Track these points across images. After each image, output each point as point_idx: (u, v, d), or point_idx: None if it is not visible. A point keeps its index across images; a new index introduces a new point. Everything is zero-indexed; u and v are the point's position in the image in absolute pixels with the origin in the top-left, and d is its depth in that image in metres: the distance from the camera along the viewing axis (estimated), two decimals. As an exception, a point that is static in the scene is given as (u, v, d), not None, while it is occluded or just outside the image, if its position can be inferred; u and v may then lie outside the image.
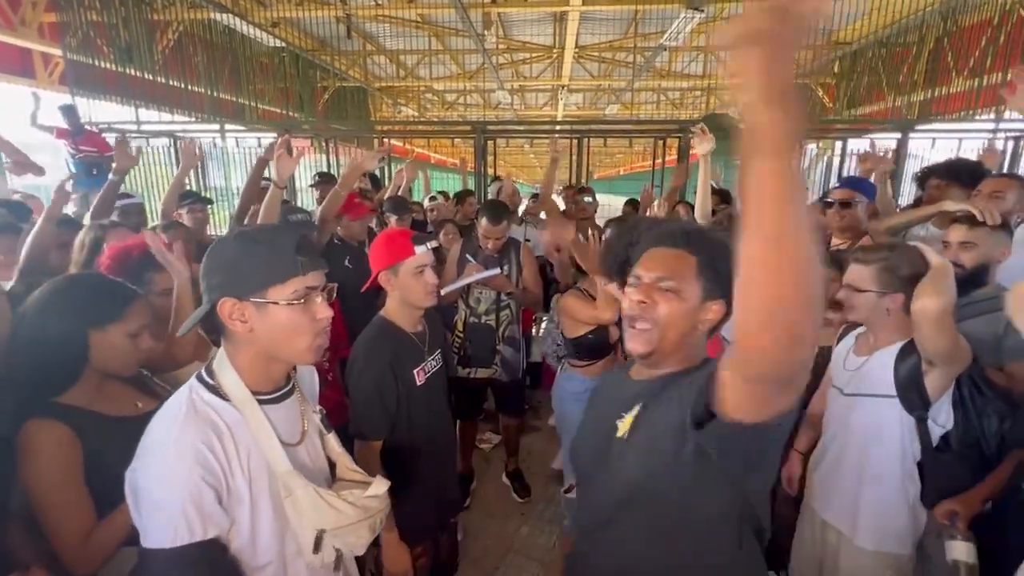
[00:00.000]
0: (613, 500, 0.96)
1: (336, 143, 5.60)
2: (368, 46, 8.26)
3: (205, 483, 0.77)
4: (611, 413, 1.00)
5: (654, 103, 12.43)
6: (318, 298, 0.87)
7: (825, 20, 6.21)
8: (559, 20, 7.10)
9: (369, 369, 1.41)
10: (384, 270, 1.47)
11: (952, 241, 1.70)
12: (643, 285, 0.93)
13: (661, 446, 0.87)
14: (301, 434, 0.95)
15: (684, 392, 0.85)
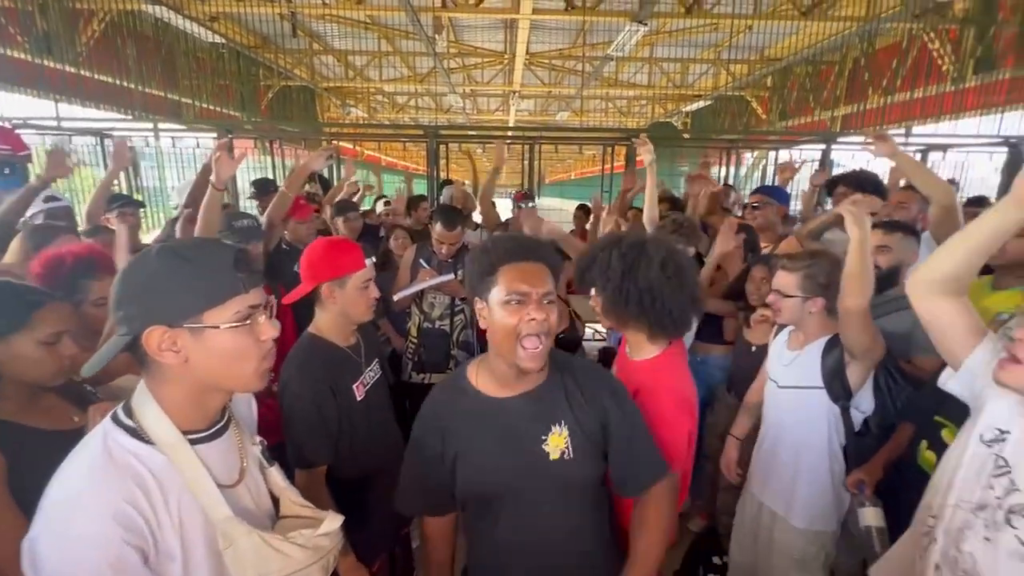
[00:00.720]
0: (547, 508, 1.06)
1: (281, 144, 5.41)
2: (315, 45, 8.03)
3: (128, 545, 0.66)
4: (521, 435, 1.04)
5: (603, 110, 12.81)
6: (261, 317, 0.78)
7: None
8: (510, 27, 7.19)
9: (305, 391, 1.33)
10: (329, 282, 1.38)
11: (872, 243, 1.88)
12: (534, 301, 0.96)
13: (595, 451, 1.06)
14: (240, 472, 0.84)
15: (587, 399, 1.07)
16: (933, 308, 1.03)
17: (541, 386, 1.06)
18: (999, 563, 0.89)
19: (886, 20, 5.10)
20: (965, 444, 1.01)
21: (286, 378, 1.36)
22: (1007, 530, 0.89)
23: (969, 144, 4.81)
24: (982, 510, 0.94)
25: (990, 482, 0.93)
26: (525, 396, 1.05)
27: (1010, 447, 0.92)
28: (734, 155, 6.27)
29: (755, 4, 5.59)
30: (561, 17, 5.77)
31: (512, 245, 1.01)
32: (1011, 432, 0.93)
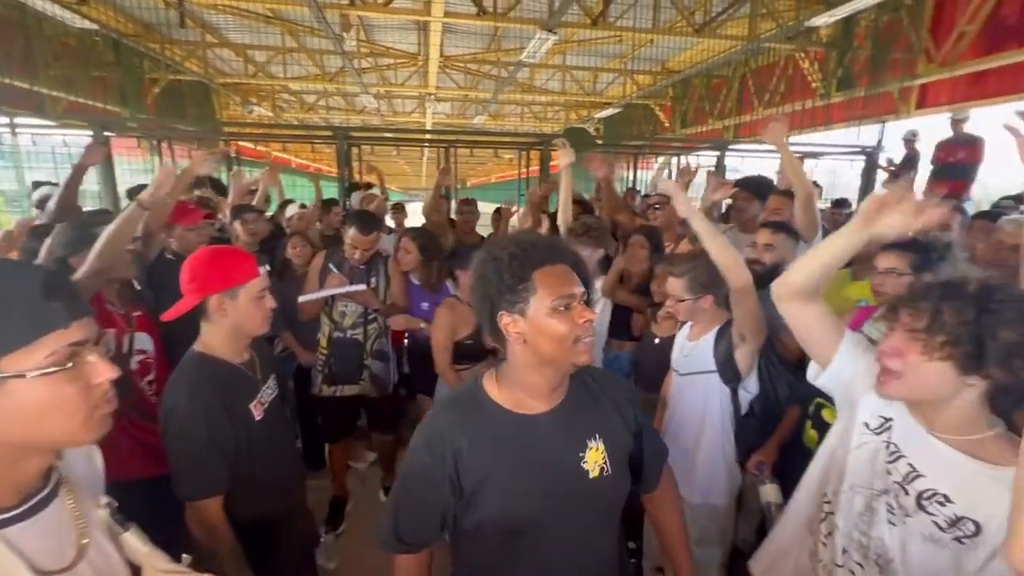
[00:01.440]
0: (582, 533, 1.01)
1: (171, 144, 4.93)
2: (209, 37, 7.41)
3: None
4: (559, 454, 0.97)
5: (519, 115, 13.03)
6: (91, 356, 0.63)
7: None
8: (423, 29, 7.10)
9: (197, 413, 1.22)
10: (218, 294, 1.27)
11: (759, 242, 2.07)
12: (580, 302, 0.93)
13: (626, 462, 1.05)
14: (77, 550, 0.67)
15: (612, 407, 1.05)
16: (795, 312, 1.13)
17: (569, 397, 1.01)
18: (911, 547, 0.94)
19: (764, 41, 5.65)
20: (848, 431, 1.09)
21: (173, 403, 1.23)
22: (921, 515, 0.93)
23: (835, 152, 5.46)
24: (885, 494, 1.00)
25: (887, 467, 1.00)
26: (558, 410, 0.98)
27: (897, 433, 1.01)
28: (642, 160, 6.67)
29: (654, 19, 5.96)
30: (472, 22, 5.79)
31: (545, 247, 0.95)
32: (893, 419, 1.02)
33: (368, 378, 2.48)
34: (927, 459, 0.95)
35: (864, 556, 1.03)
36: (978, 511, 0.88)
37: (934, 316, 0.88)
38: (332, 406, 2.49)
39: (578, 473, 0.97)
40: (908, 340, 0.91)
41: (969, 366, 0.86)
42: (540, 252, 0.92)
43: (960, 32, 4.92)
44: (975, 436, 0.91)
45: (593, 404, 1.03)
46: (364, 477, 3.04)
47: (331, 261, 2.49)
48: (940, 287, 0.91)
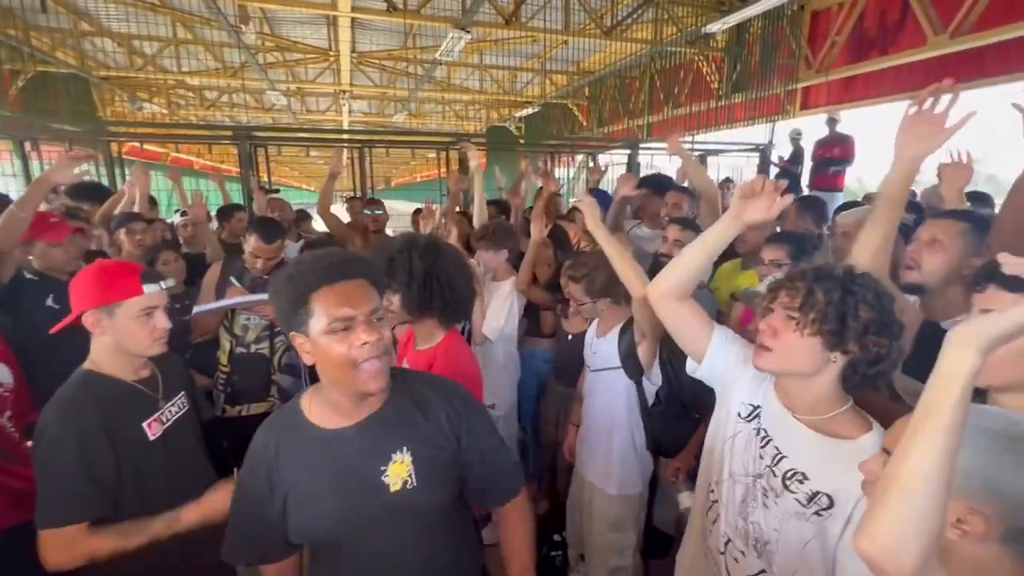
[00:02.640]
0: (395, 545, 0.98)
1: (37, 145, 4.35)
2: (83, 24, 6.63)
3: None
4: (357, 468, 0.95)
5: (440, 113, 12.89)
6: None
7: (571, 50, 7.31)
8: (333, 24, 6.80)
9: (67, 436, 1.11)
10: (93, 310, 1.18)
11: (669, 237, 2.17)
12: (361, 323, 0.89)
13: (445, 472, 1.01)
14: None
15: (437, 416, 1.01)
16: (671, 311, 1.19)
17: (381, 410, 0.98)
18: (784, 524, 1.00)
19: (667, 45, 6.00)
20: (725, 421, 1.16)
21: (43, 424, 1.13)
22: (786, 495, 0.99)
23: (732, 150, 5.91)
24: (759, 479, 1.06)
25: (759, 452, 1.06)
26: (362, 424, 0.96)
27: (766, 419, 1.08)
28: (561, 158, 6.83)
29: (565, 21, 6.12)
30: (384, 18, 5.63)
31: (323, 265, 0.89)
32: (762, 405, 1.09)
33: (277, 394, 2.32)
34: (790, 440, 1.03)
35: (745, 542, 1.09)
36: (829, 484, 0.95)
37: (807, 296, 0.96)
38: (237, 427, 2.30)
39: (377, 487, 0.95)
40: (784, 319, 0.99)
41: (833, 342, 0.94)
42: (320, 271, 0.88)
43: (832, 41, 5.49)
44: (829, 414, 1.00)
45: (412, 415, 1.00)
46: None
47: (231, 272, 2.30)
48: (813, 271, 0.99)
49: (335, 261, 0.91)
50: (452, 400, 1.04)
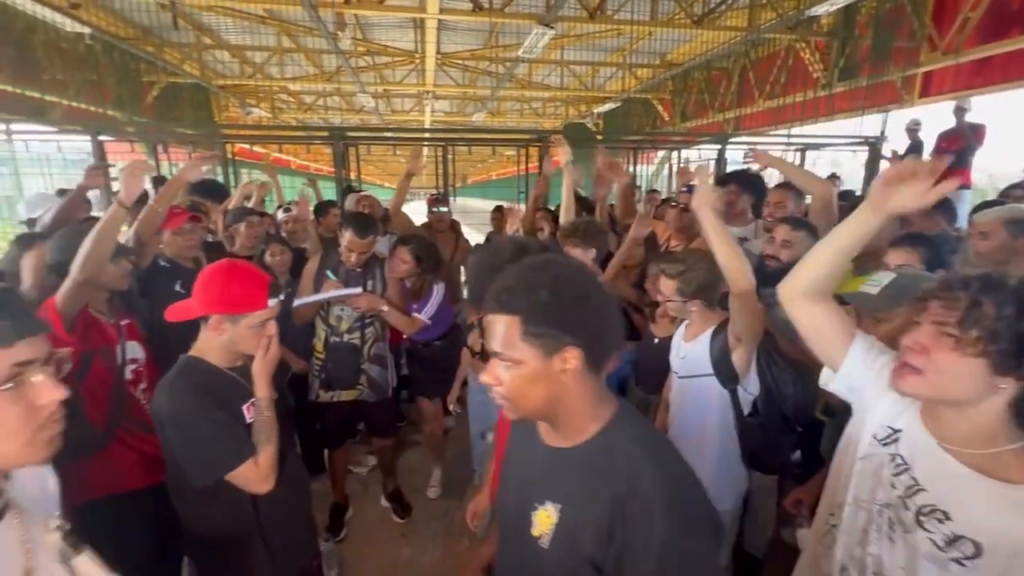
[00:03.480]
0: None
1: (167, 148, 4.90)
2: (205, 39, 7.37)
3: None
4: (526, 491, 0.91)
5: (519, 111, 12.95)
6: (37, 376, 0.63)
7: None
8: (420, 26, 7.04)
9: (193, 408, 1.22)
10: (222, 316, 1.27)
11: (777, 238, 2.02)
12: (492, 361, 0.85)
13: (582, 550, 0.81)
14: (24, 573, 0.66)
15: (594, 503, 0.80)
16: (805, 312, 1.07)
17: (579, 446, 0.87)
18: (912, 564, 0.89)
19: (765, 31, 5.57)
20: (856, 441, 1.04)
21: (158, 405, 1.24)
22: (919, 532, 0.89)
23: (837, 144, 5.39)
24: (887, 508, 0.95)
25: (891, 480, 0.95)
26: (555, 449, 0.90)
27: (904, 445, 0.95)
28: (642, 155, 6.60)
29: (652, 12, 5.89)
30: (468, 18, 5.73)
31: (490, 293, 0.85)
32: (902, 430, 0.96)
33: (366, 383, 2.45)
34: (932, 473, 0.90)
35: (861, 574, 0.98)
36: (980, 531, 0.82)
37: (970, 309, 0.82)
38: (330, 412, 2.46)
39: (524, 520, 0.90)
40: (936, 335, 0.85)
41: (1005, 365, 0.80)
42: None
43: (964, 19, 4.83)
44: (991, 450, 0.85)
45: (582, 469, 0.86)
46: (365, 482, 3.01)
47: (327, 265, 2.45)
48: (979, 280, 0.84)
49: (495, 289, 0.86)
50: (641, 496, 0.78)
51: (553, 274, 0.82)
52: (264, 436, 1.28)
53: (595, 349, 0.83)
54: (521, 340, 0.80)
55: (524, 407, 0.85)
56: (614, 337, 0.86)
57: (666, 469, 0.81)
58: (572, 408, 0.85)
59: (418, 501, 2.80)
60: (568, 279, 0.82)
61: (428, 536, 2.58)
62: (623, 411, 0.89)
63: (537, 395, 0.83)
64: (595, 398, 0.86)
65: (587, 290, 0.83)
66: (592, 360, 0.83)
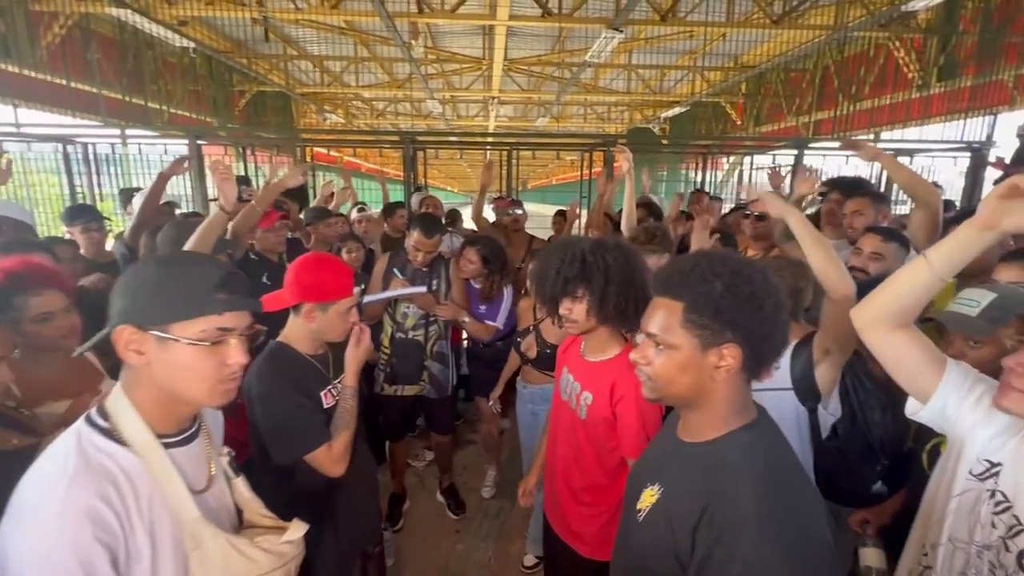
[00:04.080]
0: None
1: (254, 151, 5.30)
2: (289, 50, 7.91)
3: (98, 543, 0.67)
4: (647, 470, 0.95)
5: (582, 116, 12.89)
6: (232, 340, 0.79)
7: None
8: (488, 33, 7.19)
9: (278, 392, 1.32)
10: (312, 304, 1.36)
11: (865, 249, 1.87)
12: (643, 341, 0.87)
13: (668, 541, 0.82)
14: (208, 479, 0.86)
15: (696, 490, 0.81)
16: (884, 342, 0.98)
17: (698, 444, 0.89)
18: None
19: (853, 29, 5.22)
20: (952, 476, 0.95)
21: (248, 385, 1.34)
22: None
23: (934, 149, 4.94)
24: (987, 550, 0.87)
25: (992, 520, 0.87)
26: (680, 441, 0.93)
27: (1006, 480, 0.86)
28: (710, 160, 6.36)
29: (728, 12, 5.68)
30: (538, 24, 5.78)
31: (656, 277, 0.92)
32: (1003, 464, 0.88)
33: (428, 379, 2.52)
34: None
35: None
36: None
37: None
38: (393, 405, 2.55)
39: (633, 499, 0.96)
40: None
41: None
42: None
43: (1094, 9, 4.29)
44: None
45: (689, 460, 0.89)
46: (421, 476, 3.10)
47: (395, 264, 2.55)
48: None
49: (661, 273, 0.92)
50: (733, 511, 0.77)
51: (732, 269, 0.81)
52: (344, 423, 1.35)
53: (756, 354, 0.82)
54: (680, 326, 0.82)
55: (665, 391, 0.87)
56: (778, 348, 0.84)
57: (771, 495, 0.77)
58: (711, 406, 0.85)
59: (472, 499, 2.84)
60: (746, 277, 0.81)
61: (481, 534, 2.61)
62: (759, 425, 0.87)
63: (682, 383, 0.84)
64: (738, 404, 0.86)
65: (763, 293, 0.81)
66: (750, 364, 0.82)
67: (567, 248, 1.38)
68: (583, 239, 1.45)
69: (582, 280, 1.33)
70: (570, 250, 1.36)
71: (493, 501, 2.85)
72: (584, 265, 1.33)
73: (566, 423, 1.51)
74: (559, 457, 1.55)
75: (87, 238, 2.52)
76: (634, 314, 1.34)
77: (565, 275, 1.34)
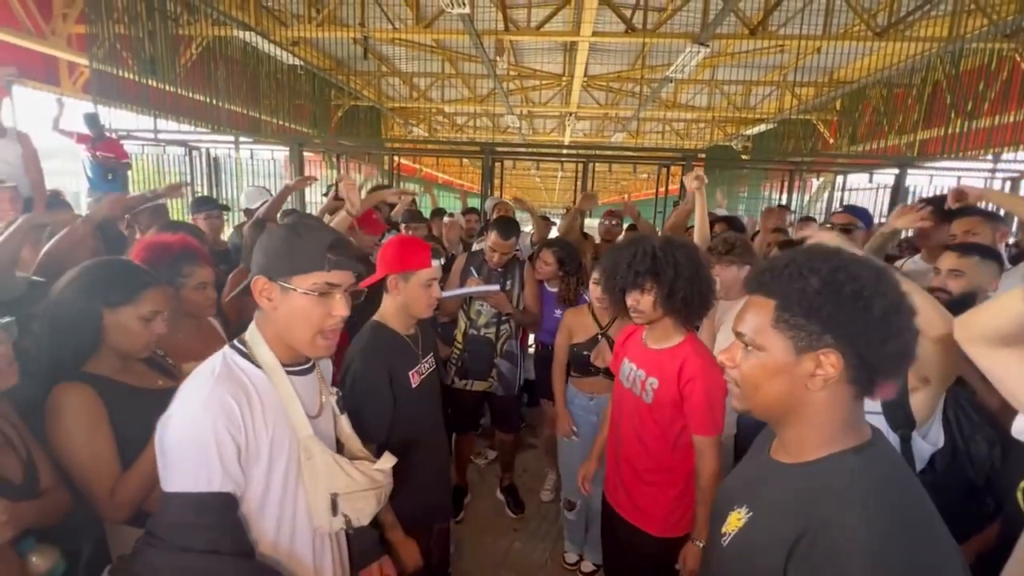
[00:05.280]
0: None
1: (346, 158, 5.73)
2: (383, 67, 8.50)
3: (229, 434, 0.84)
4: (735, 491, 0.87)
5: (659, 133, 12.69)
6: (337, 295, 0.93)
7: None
8: (569, 49, 7.33)
9: (366, 374, 1.43)
10: (395, 274, 1.50)
11: (942, 268, 1.76)
12: (732, 343, 0.81)
13: (752, 571, 0.75)
14: (319, 408, 1.03)
15: (796, 511, 0.71)
16: (988, 357, 0.91)
17: (795, 465, 0.78)
18: None
19: (972, 40, 4.79)
20: None
21: (349, 358, 1.48)
22: None
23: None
24: None
25: None
26: (773, 461, 0.83)
27: None
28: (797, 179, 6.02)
29: (824, 25, 5.41)
30: (621, 40, 5.82)
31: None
32: None
33: (496, 376, 2.60)
34: None
35: None
36: None
37: None
38: (461, 398, 2.65)
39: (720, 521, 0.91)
40: None
41: None
42: None
43: None
44: None
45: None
46: (483, 473, 3.17)
47: (472, 263, 2.67)
48: None
49: (757, 268, 0.85)
50: (832, 539, 0.66)
51: (834, 264, 0.71)
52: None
53: (864, 362, 0.69)
54: (772, 326, 0.73)
55: (754, 400, 0.77)
56: (895, 359, 0.70)
57: (883, 523, 0.65)
58: (808, 421, 0.74)
59: (531, 501, 2.86)
60: (852, 274, 0.69)
61: (539, 536, 2.63)
62: (873, 447, 0.73)
63: (772, 392, 0.74)
64: (843, 421, 0.73)
65: (872, 292, 0.68)
66: (857, 375, 0.70)
67: (638, 244, 1.49)
68: (654, 236, 1.56)
69: (651, 274, 1.45)
70: (641, 246, 1.48)
71: (552, 504, 2.85)
72: (655, 260, 1.45)
73: (629, 409, 1.61)
74: (624, 442, 1.62)
75: (208, 224, 2.86)
76: (699, 306, 1.48)
77: (636, 268, 1.46)
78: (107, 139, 4.58)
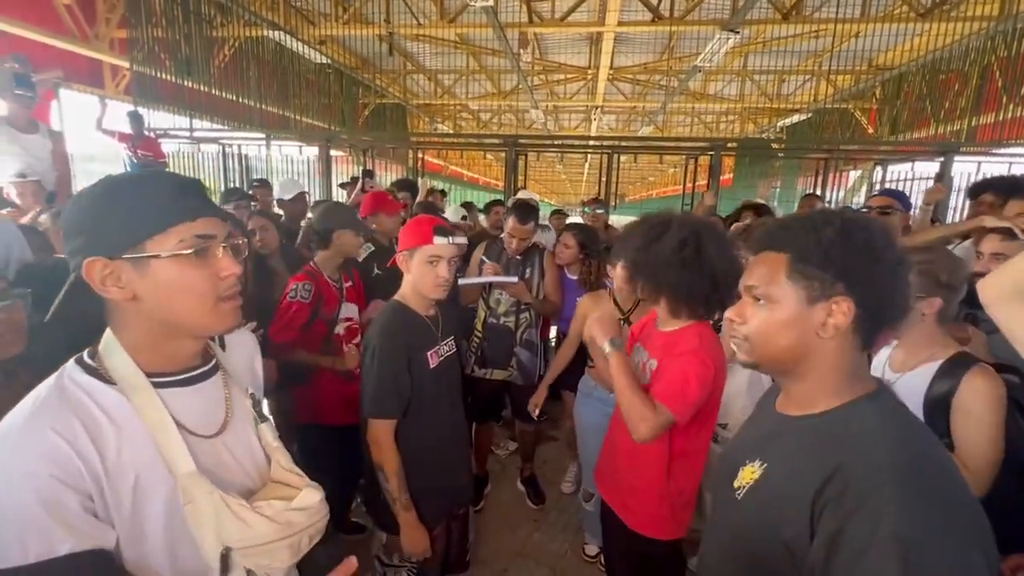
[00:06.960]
0: (717, 557, 0.90)
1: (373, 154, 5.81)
2: (408, 64, 8.59)
3: (63, 485, 0.59)
4: (744, 447, 0.88)
5: (687, 125, 12.42)
6: (219, 251, 0.71)
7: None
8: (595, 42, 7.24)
9: (384, 351, 1.44)
10: (402, 252, 1.52)
11: (985, 252, 1.66)
12: (740, 301, 0.83)
13: (773, 521, 0.73)
14: (222, 423, 0.77)
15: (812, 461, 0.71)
16: (1014, 318, 0.88)
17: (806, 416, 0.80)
18: None
19: (1025, 18, 4.50)
20: None
21: (369, 335, 1.50)
22: None
23: None
24: None
25: None
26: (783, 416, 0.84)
27: None
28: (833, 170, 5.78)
29: (863, 7, 5.18)
30: (648, 29, 5.71)
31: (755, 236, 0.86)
32: None
33: (516, 365, 2.58)
34: None
35: None
36: None
37: None
38: (481, 387, 2.64)
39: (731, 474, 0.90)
40: None
41: None
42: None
43: None
44: None
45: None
46: (504, 464, 3.16)
47: (491, 252, 2.66)
48: None
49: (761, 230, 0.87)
50: (868, 475, 0.66)
51: (845, 217, 0.75)
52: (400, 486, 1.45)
53: (872, 311, 0.72)
54: (786, 277, 0.75)
55: (763, 352, 0.78)
56: (898, 311, 0.74)
57: (913, 447, 0.67)
58: (816, 371, 0.76)
59: (551, 492, 2.84)
60: (862, 227, 0.73)
61: (558, 527, 2.60)
62: (883, 395, 0.76)
63: (782, 342, 0.76)
64: (849, 370, 0.76)
65: (883, 244, 0.73)
66: (864, 323, 0.73)
67: (661, 223, 1.45)
68: (674, 214, 1.51)
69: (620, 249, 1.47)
70: (657, 227, 1.44)
71: (572, 497, 2.82)
72: (683, 244, 1.38)
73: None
74: (621, 427, 1.53)
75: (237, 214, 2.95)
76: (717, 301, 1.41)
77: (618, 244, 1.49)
78: (145, 138, 4.77)
